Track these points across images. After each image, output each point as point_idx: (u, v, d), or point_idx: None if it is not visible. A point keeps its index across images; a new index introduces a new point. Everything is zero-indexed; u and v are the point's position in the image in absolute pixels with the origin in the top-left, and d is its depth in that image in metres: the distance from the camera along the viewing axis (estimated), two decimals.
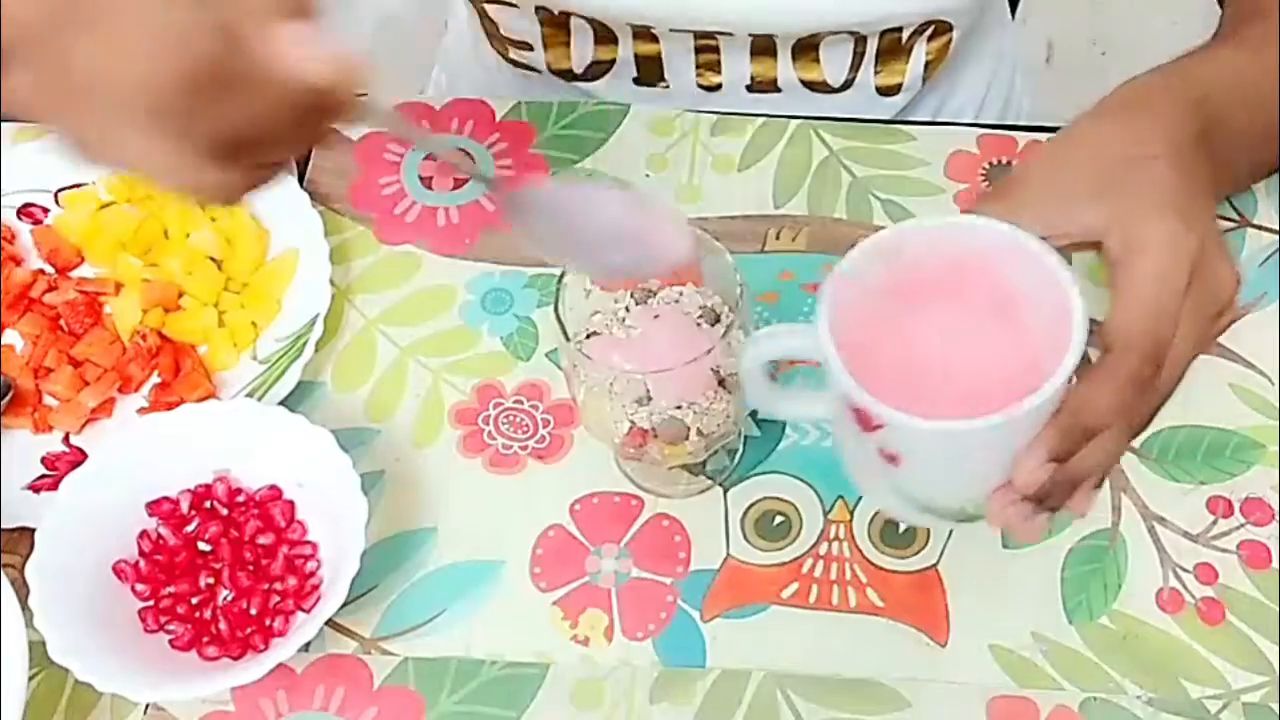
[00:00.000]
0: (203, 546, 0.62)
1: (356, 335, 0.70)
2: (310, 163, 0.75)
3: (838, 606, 0.62)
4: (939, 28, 0.79)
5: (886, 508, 0.60)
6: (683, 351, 0.54)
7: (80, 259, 0.72)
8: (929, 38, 0.79)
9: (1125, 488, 0.64)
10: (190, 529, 0.62)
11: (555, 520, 0.64)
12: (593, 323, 0.58)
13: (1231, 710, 0.59)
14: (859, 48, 0.78)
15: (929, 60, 0.81)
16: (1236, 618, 0.61)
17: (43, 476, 0.65)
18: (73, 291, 0.70)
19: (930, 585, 0.62)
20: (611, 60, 0.81)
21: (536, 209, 0.53)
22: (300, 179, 0.74)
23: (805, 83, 0.80)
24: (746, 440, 0.66)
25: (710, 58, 0.79)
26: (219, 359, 0.68)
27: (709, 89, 0.81)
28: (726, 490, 0.65)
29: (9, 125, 0.77)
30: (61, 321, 0.69)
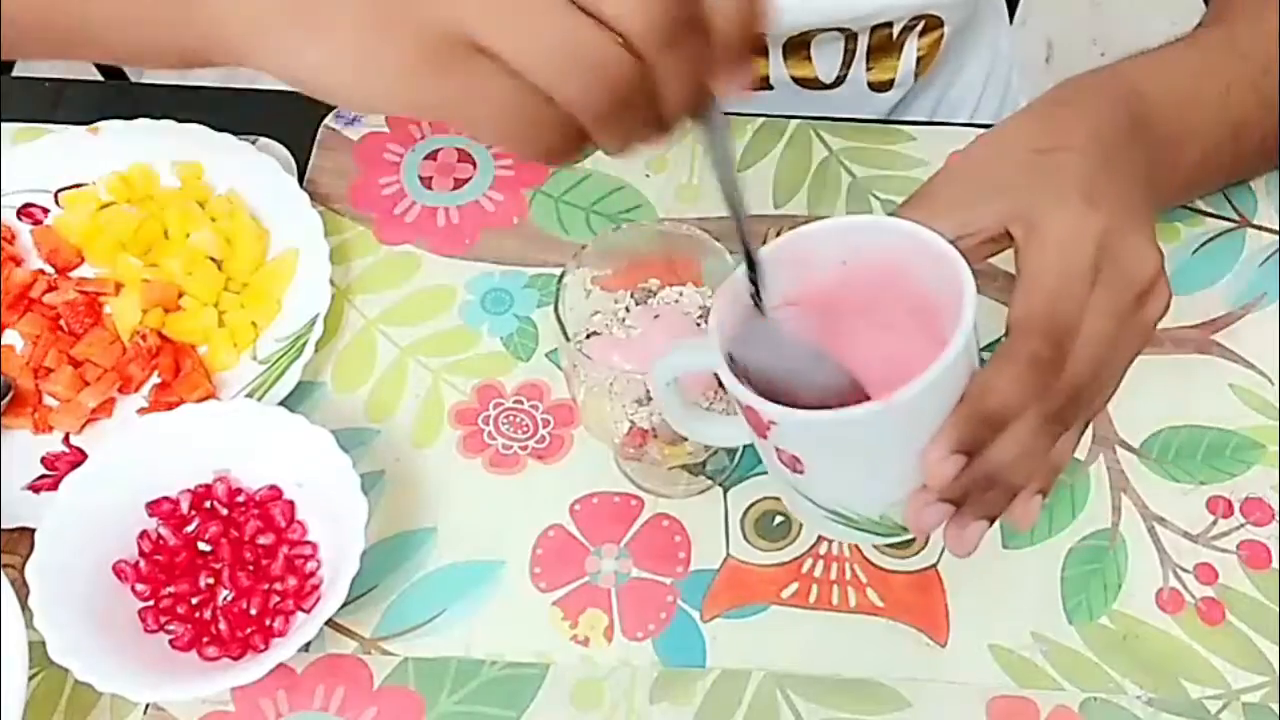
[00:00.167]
0: (203, 547, 0.62)
1: (356, 335, 0.70)
2: (310, 163, 0.75)
3: (838, 606, 0.62)
4: (929, 23, 0.79)
5: (810, 522, 0.57)
6: None
7: (80, 259, 0.72)
8: (920, 33, 0.79)
9: (1125, 488, 0.64)
10: (190, 529, 0.62)
11: (555, 520, 0.64)
12: (593, 323, 0.58)
13: (1231, 710, 0.59)
14: (850, 44, 0.78)
15: (920, 56, 0.81)
16: (1236, 618, 0.61)
17: (43, 476, 0.65)
18: (73, 292, 0.70)
19: (930, 585, 0.62)
20: None
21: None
22: (300, 179, 0.74)
23: (797, 80, 0.80)
24: None
25: None
26: (219, 359, 0.68)
27: None
28: (726, 490, 0.65)
29: (9, 125, 0.76)
30: (61, 322, 0.69)
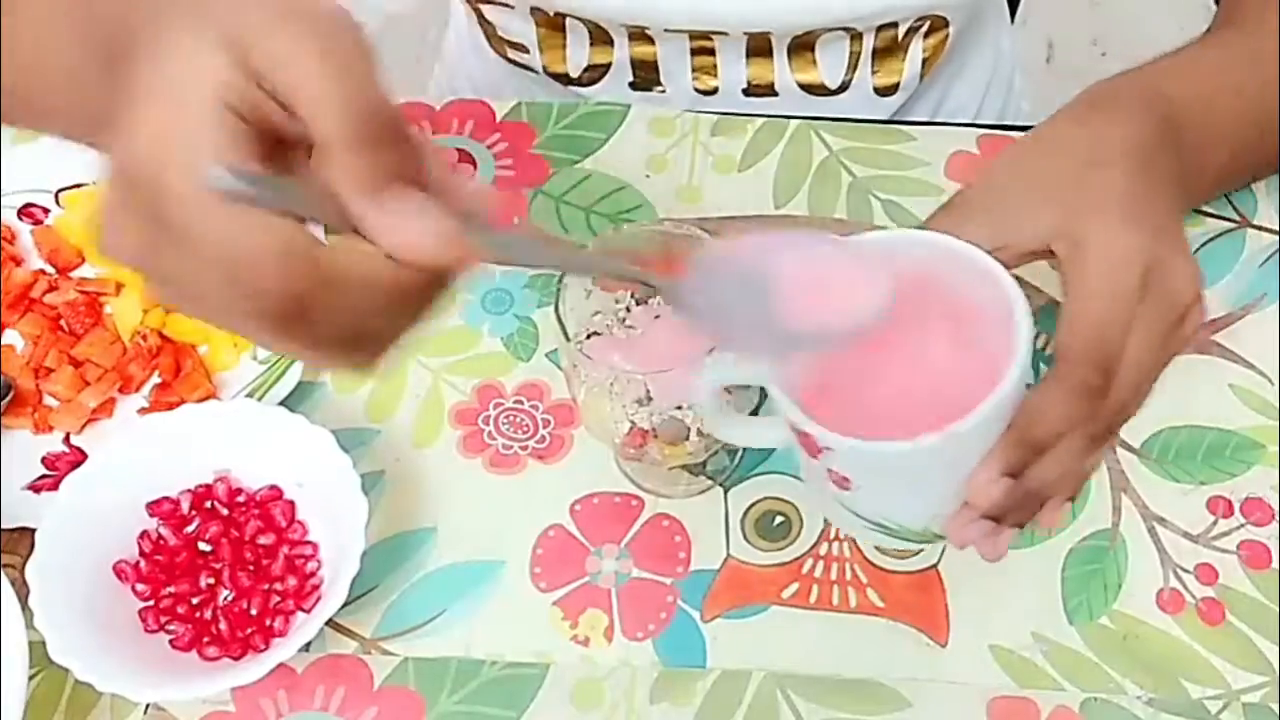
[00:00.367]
0: (203, 546, 0.62)
1: None
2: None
3: (838, 606, 0.62)
4: (935, 24, 0.79)
5: (851, 531, 0.59)
6: (683, 351, 0.54)
7: (81, 259, 0.72)
8: (925, 34, 0.79)
9: (1125, 488, 0.64)
10: (190, 529, 0.62)
11: (555, 520, 0.64)
12: (593, 323, 0.58)
13: (1232, 710, 0.59)
14: (855, 46, 0.78)
15: (925, 58, 0.81)
16: (1236, 618, 0.61)
17: (43, 476, 0.65)
18: (73, 291, 0.70)
19: (930, 585, 0.62)
20: (607, 64, 0.81)
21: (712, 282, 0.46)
22: None
23: (802, 85, 0.80)
24: None
25: (706, 60, 0.79)
26: (219, 359, 0.68)
27: (706, 93, 0.81)
28: (726, 490, 0.65)
29: (9, 126, 0.76)
30: (62, 321, 0.69)
